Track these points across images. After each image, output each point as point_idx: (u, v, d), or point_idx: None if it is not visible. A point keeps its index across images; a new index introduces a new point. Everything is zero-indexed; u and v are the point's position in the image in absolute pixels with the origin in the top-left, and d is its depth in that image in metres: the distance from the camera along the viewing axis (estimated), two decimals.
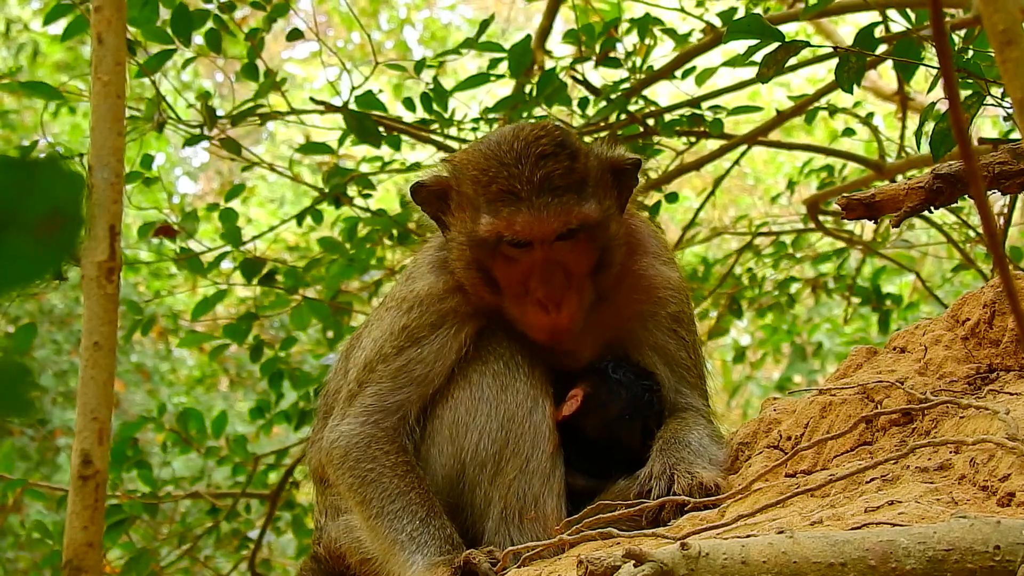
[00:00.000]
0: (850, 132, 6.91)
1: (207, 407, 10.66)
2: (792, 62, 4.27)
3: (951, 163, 3.46)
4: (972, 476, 2.67)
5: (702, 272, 7.87)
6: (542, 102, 5.64)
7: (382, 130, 5.81)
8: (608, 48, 5.93)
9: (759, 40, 3.57)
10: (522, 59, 5.56)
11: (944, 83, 1.82)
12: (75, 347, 11.99)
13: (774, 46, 3.57)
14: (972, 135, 3.87)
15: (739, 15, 5.34)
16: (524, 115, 5.74)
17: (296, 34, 5.88)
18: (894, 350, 3.32)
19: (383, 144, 5.88)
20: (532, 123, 3.68)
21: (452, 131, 6.04)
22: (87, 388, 1.96)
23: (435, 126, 6.02)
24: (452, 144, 6.09)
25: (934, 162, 3.56)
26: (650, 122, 6.17)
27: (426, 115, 5.88)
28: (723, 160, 7.42)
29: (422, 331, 3.51)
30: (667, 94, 8.00)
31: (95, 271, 1.98)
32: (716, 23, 6.22)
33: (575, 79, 6.13)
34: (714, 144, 6.87)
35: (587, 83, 6.11)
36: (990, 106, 3.68)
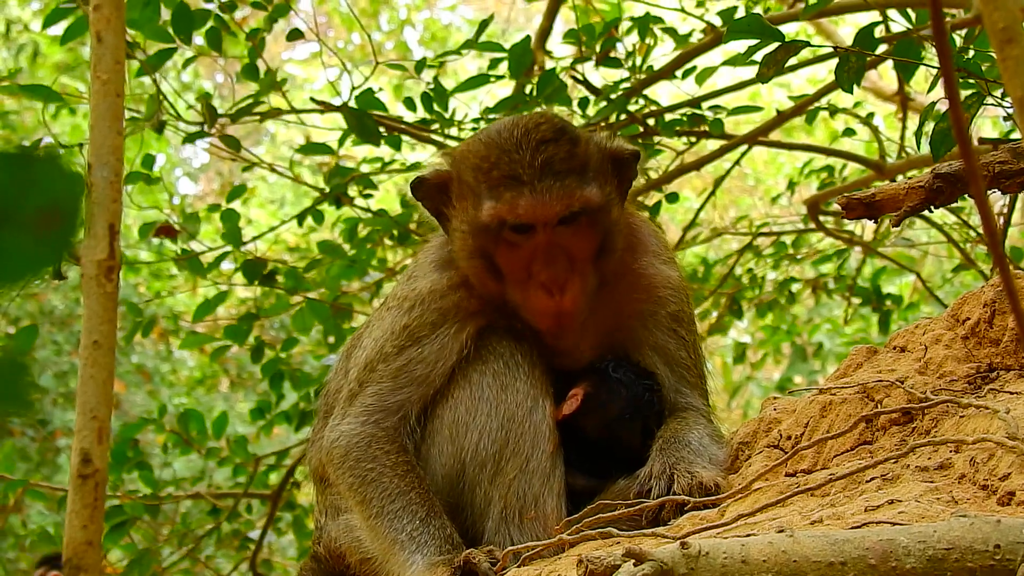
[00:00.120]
0: (850, 132, 6.91)
1: (208, 408, 10.67)
2: (792, 62, 4.27)
3: (951, 162, 3.45)
4: (972, 475, 2.67)
5: (702, 273, 7.87)
6: (542, 102, 5.63)
7: (382, 130, 5.81)
8: (608, 48, 5.92)
9: (759, 40, 3.57)
10: (522, 59, 5.56)
11: (944, 82, 1.82)
12: (75, 348, 12.00)
13: (774, 46, 3.57)
14: (972, 135, 3.87)
15: (739, 15, 5.34)
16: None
17: (296, 34, 5.88)
18: (894, 349, 3.32)
19: (383, 144, 5.88)
20: (531, 112, 3.68)
21: (452, 131, 6.04)
22: (87, 387, 1.96)
23: (435, 126, 6.02)
24: (452, 144, 6.09)
25: (934, 162, 3.56)
26: (650, 122, 6.17)
27: (427, 115, 5.89)
28: (723, 160, 7.42)
29: (423, 330, 3.51)
30: (667, 94, 8.00)
31: (94, 270, 1.98)
32: (716, 23, 6.22)
33: (575, 79, 6.13)
34: (714, 144, 6.87)
35: (587, 83, 6.11)
36: (990, 106, 3.68)
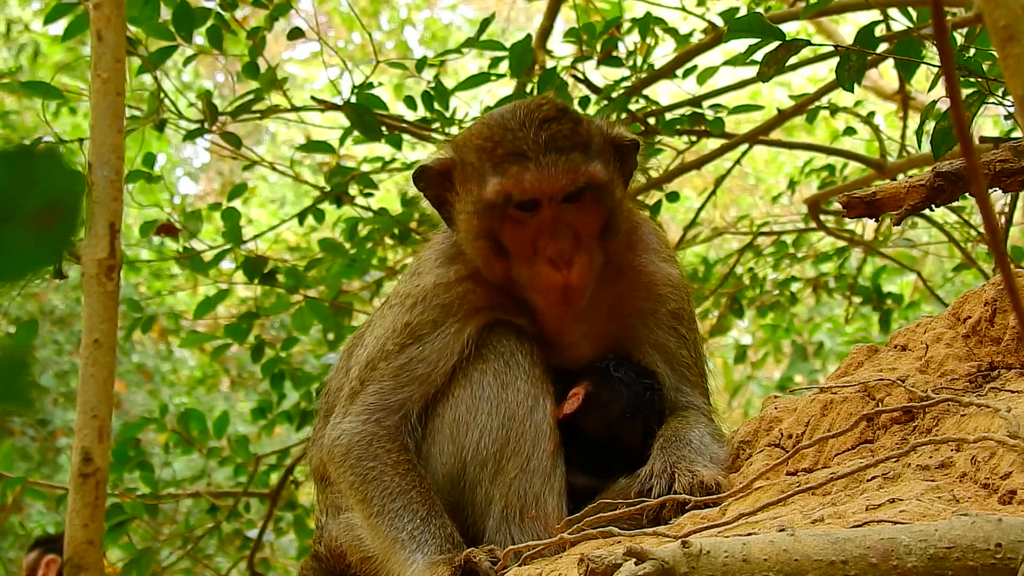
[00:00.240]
0: (851, 131, 6.90)
1: (208, 407, 10.67)
2: (793, 61, 4.27)
3: (952, 161, 3.45)
4: (973, 474, 2.67)
5: (703, 272, 7.86)
6: None
7: (383, 128, 5.81)
8: (609, 47, 5.92)
9: (760, 39, 3.57)
10: (523, 58, 5.55)
11: (945, 81, 1.82)
12: (76, 347, 12.00)
13: (775, 45, 3.57)
14: (973, 134, 3.86)
15: (740, 14, 5.33)
16: None
17: (297, 33, 5.88)
18: (895, 348, 3.32)
19: (384, 143, 5.88)
20: (533, 97, 3.68)
21: (453, 130, 6.03)
22: (87, 386, 1.96)
23: (436, 125, 6.02)
24: None
25: (935, 160, 3.55)
26: (651, 121, 6.17)
27: (427, 114, 5.88)
28: (724, 159, 7.42)
29: (424, 328, 3.50)
30: (668, 93, 8.00)
31: (95, 268, 1.98)
32: (717, 22, 6.22)
33: (576, 78, 6.12)
34: (715, 143, 6.86)
35: (588, 82, 6.10)
36: (991, 104, 3.67)
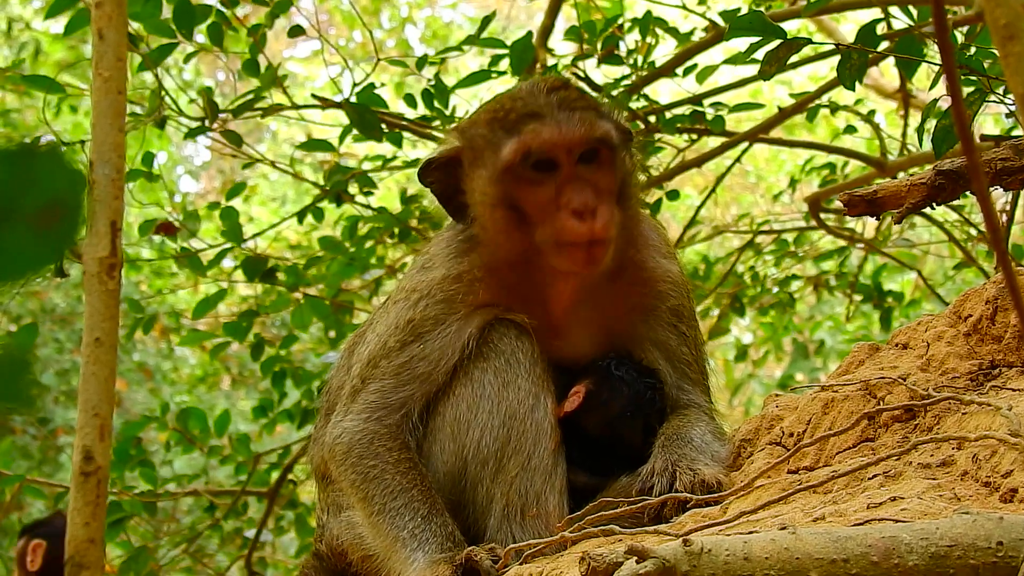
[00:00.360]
0: (851, 129, 6.91)
1: (209, 406, 10.67)
2: (794, 59, 4.26)
3: (953, 159, 3.45)
4: (975, 472, 2.67)
5: (703, 271, 7.86)
6: None
7: (383, 127, 5.81)
8: (610, 45, 5.92)
9: (761, 37, 3.57)
10: (524, 56, 5.55)
11: (946, 78, 1.81)
12: (77, 346, 12.00)
13: (776, 43, 3.57)
14: (974, 132, 3.86)
15: (741, 13, 5.33)
16: None
17: (298, 30, 5.88)
18: (896, 346, 3.31)
19: (385, 141, 5.87)
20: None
21: (443, 142, 6.02)
22: (88, 384, 1.96)
23: (437, 123, 6.01)
24: None
25: (936, 158, 3.55)
26: (652, 119, 6.17)
27: (427, 112, 5.88)
28: (724, 158, 7.41)
29: (426, 326, 3.49)
30: (668, 91, 8.00)
31: (96, 267, 1.98)
32: (718, 21, 6.21)
33: (577, 76, 6.12)
34: (715, 142, 6.86)
35: (589, 80, 6.10)
36: (992, 103, 3.67)
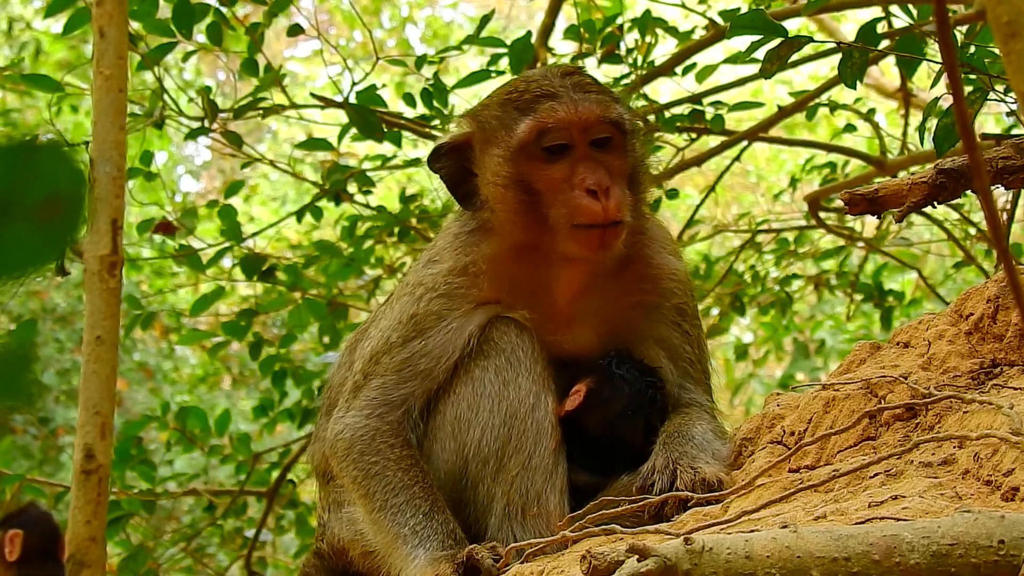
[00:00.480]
0: (851, 128, 6.90)
1: (210, 405, 10.66)
2: (795, 58, 4.26)
3: (954, 158, 3.44)
4: (976, 471, 2.66)
5: (704, 270, 7.86)
6: None
7: (383, 126, 5.80)
8: (610, 44, 5.91)
9: (762, 36, 3.57)
10: (523, 55, 5.54)
11: (948, 75, 1.81)
12: (77, 345, 11.99)
13: (777, 41, 3.56)
14: (975, 131, 3.85)
15: (741, 12, 5.33)
16: None
17: (297, 29, 5.87)
18: (897, 345, 3.31)
19: (385, 140, 5.87)
20: None
21: (452, 127, 6.01)
22: (89, 382, 1.96)
23: (436, 122, 6.01)
24: None
25: (937, 157, 3.55)
26: (651, 118, 6.16)
27: (427, 111, 5.87)
28: (724, 157, 7.41)
29: (429, 321, 3.49)
30: (668, 91, 8.00)
31: (97, 265, 1.98)
32: (718, 21, 6.21)
33: None
34: (715, 141, 6.85)
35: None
36: (993, 101, 3.67)
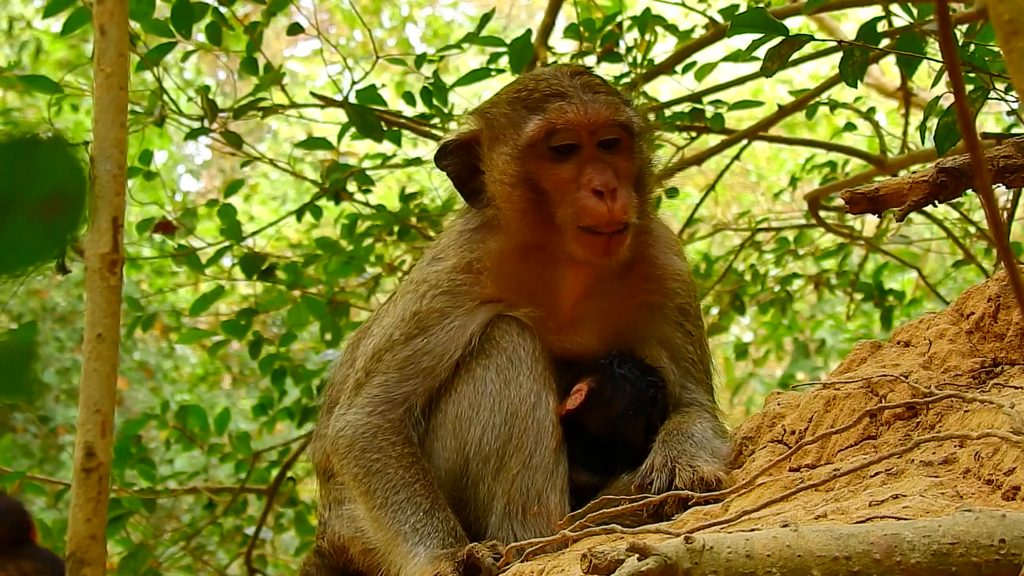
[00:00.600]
0: (851, 127, 6.90)
1: (210, 404, 10.66)
2: (795, 56, 4.26)
3: (955, 157, 3.44)
4: (977, 470, 2.66)
5: (704, 269, 7.86)
6: None
7: (383, 125, 5.80)
8: (610, 43, 5.91)
9: (763, 34, 3.56)
10: (523, 54, 5.54)
11: (949, 73, 1.81)
12: (78, 344, 11.99)
13: (778, 40, 3.56)
14: (976, 129, 3.85)
15: (741, 10, 5.32)
16: None
17: (296, 28, 5.87)
18: (898, 344, 3.31)
19: (384, 139, 5.87)
20: None
21: (452, 126, 6.02)
22: (90, 381, 1.96)
23: (436, 121, 6.00)
24: None
25: (938, 156, 3.55)
26: (651, 117, 6.15)
27: (426, 110, 5.87)
28: (724, 156, 7.41)
29: (431, 319, 3.49)
30: (668, 89, 8.00)
31: (98, 263, 1.98)
32: (718, 19, 6.20)
33: None
34: (715, 140, 6.85)
35: None
36: (994, 100, 3.67)
